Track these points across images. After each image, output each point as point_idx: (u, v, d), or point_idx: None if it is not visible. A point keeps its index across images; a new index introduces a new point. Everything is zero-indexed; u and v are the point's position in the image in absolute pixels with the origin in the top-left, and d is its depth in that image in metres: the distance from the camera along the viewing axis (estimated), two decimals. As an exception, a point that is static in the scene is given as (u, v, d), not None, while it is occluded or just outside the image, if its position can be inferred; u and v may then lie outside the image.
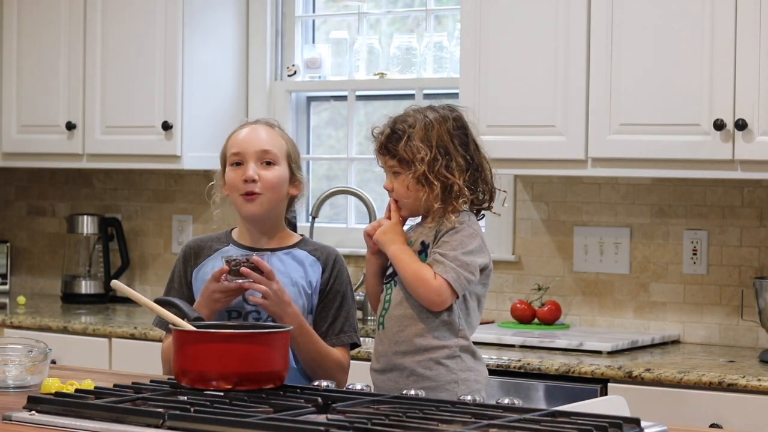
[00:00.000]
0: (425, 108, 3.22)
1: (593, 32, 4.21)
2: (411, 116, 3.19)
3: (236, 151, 3.28)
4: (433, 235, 3.16)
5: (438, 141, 3.14)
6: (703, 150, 4.03)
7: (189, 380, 2.81)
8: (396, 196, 3.19)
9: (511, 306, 4.64)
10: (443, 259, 3.12)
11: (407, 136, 3.14)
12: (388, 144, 3.18)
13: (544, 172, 4.45)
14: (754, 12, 3.93)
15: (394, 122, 3.20)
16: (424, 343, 3.14)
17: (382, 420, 2.44)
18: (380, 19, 5.27)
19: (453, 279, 3.11)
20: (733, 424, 3.67)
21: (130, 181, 5.72)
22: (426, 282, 3.11)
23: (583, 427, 2.41)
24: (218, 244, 3.35)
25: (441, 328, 3.14)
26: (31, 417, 2.62)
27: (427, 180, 3.13)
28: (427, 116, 3.17)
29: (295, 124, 5.39)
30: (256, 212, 3.26)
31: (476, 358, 3.21)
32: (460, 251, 3.13)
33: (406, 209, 3.21)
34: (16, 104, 5.53)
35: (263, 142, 3.28)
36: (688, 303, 4.47)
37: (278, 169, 3.28)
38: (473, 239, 3.16)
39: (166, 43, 5.10)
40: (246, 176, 3.24)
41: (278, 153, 3.28)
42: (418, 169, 3.13)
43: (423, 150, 3.12)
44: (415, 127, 3.15)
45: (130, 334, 4.76)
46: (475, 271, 3.16)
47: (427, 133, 3.15)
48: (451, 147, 3.16)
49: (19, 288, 6.00)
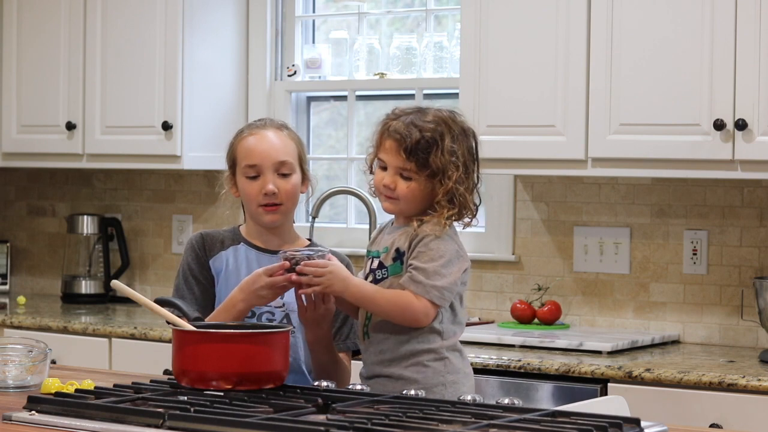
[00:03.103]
0: (445, 113, 3.07)
1: (593, 32, 4.21)
2: (434, 122, 3.04)
3: (252, 163, 3.26)
4: (408, 242, 3.05)
5: (463, 157, 3.04)
6: (703, 150, 4.03)
7: (189, 380, 2.81)
8: (397, 196, 3.07)
9: (511, 306, 4.64)
10: (421, 278, 3.00)
11: (440, 147, 3.02)
12: (417, 148, 3.02)
13: (544, 172, 4.45)
14: (754, 12, 3.93)
15: (419, 125, 3.04)
16: (410, 348, 3.06)
17: (382, 420, 2.44)
18: (380, 19, 5.26)
19: (437, 297, 3.01)
20: (733, 424, 3.67)
21: (130, 181, 5.72)
22: (408, 308, 3.01)
23: (583, 427, 2.41)
24: (230, 241, 3.33)
25: (425, 334, 3.07)
26: (31, 417, 2.62)
27: (451, 195, 3.03)
28: (452, 128, 3.04)
29: (295, 124, 5.39)
30: (277, 221, 3.28)
31: (463, 356, 3.15)
32: (439, 263, 3.01)
33: (396, 210, 3.10)
34: (16, 104, 5.52)
35: (280, 153, 3.27)
36: (688, 303, 4.47)
37: (294, 177, 3.28)
38: (449, 245, 3.04)
39: (166, 43, 5.10)
40: (266, 190, 3.24)
41: (293, 161, 3.29)
42: (446, 185, 3.01)
43: (454, 165, 3.02)
44: (446, 138, 3.03)
45: (130, 334, 4.76)
46: (458, 280, 3.04)
47: (454, 148, 3.03)
48: (471, 166, 3.07)
49: (19, 288, 6.00)
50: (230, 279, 3.28)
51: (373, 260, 3.13)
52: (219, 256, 3.31)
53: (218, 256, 3.31)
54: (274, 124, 3.35)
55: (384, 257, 3.09)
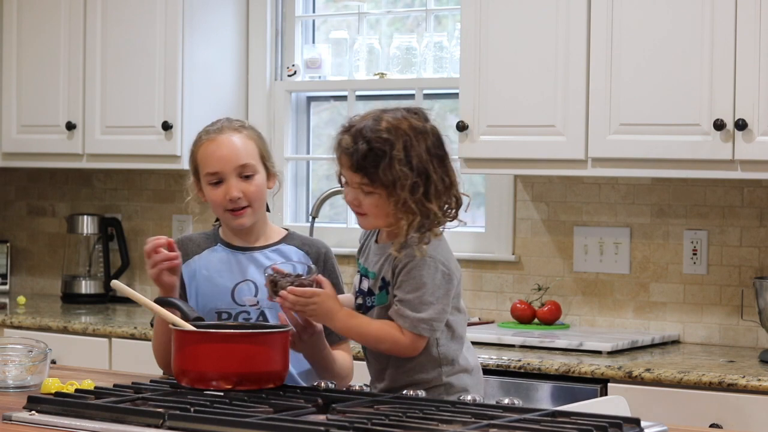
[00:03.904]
0: (399, 117, 2.92)
1: (593, 32, 4.21)
2: (385, 130, 2.88)
3: (213, 170, 3.25)
4: (392, 270, 2.93)
5: (418, 163, 2.87)
6: (703, 150, 4.03)
7: (189, 380, 2.81)
8: (364, 212, 2.94)
9: (511, 306, 4.64)
10: (407, 312, 2.89)
11: (389, 158, 2.86)
12: (365, 163, 2.87)
13: (544, 172, 4.45)
14: (754, 12, 3.93)
15: (367, 137, 2.88)
16: (408, 380, 2.97)
17: (382, 420, 2.44)
18: (380, 19, 5.26)
19: (425, 330, 2.91)
20: (733, 424, 3.67)
21: (130, 181, 5.72)
22: (395, 343, 2.92)
23: (583, 427, 2.41)
24: (206, 242, 3.34)
25: (423, 363, 2.96)
26: (31, 417, 2.62)
27: (406, 207, 2.88)
28: (406, 132, 2.88)
29: (295, 124, 5.39)
30: (246, 224, 3.27)
31: (471, 373, 3.03)
32: (423, 292, 2.90)
33: (369, 225, 2.98)
34: (16, 104, 5.52)
35: (240, 157, 3.24)
36: (688, 303, 4.47)
37: (258, 177, 3.26)
38: (430, 269, 2.90)
39: (166, 43, 5.10)
40: (231, 197, 3.23)
41: (254, 162, 3.26)
42: (399, 197, 2.87)
43: (405, 175, 2.85)
44: (395, 147, 2.86)
45: (130, 334, 4.76)
46: (447, 305, 2.93)
47: (408, 154, 2.87)
48: (431, 168, 2.89)
49: (19, 288, 5.99)
50: (201, 285, 3.28)
51: (363, 280, 3.03)
52: (190, 263, 3.30)
53: (190, 262, 3.30)
54: (231, 126, 3.30)
55: (372, 284, 3.00)
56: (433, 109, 5.14)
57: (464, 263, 4.87)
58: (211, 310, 3.23)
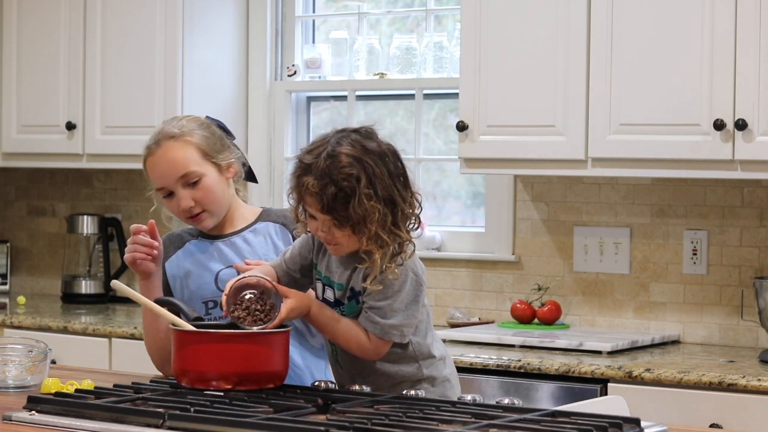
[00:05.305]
0: (355, 146, 2.84)
1: (593, 32, 4.21)
2: (348, 165, 2.81)
3: (159, 186, 3.27)
4: (363, 279, 2.89)
5: (383, 192, 2.82)
6: (703, 150, 4.03)
7: (189, 380, 2.81)
8: (338, 243, 2.87)
9: (511, 306, 4.64)
10: (377, 318, 2.88)
11: (357, 195, 2.79)
12: (334, 205, 2.79)
13: (544, 172, 4.44)
14: (754, 12, 3.93)
15: (334, 178, 2.79)
16: (385, 370, 2.95)
17: (382, 420, 2.44)
18: (380, 19, 5.27)
19: (397, 336, 2.90)
20: (733, 424, 3.67)
21: (130, 181, 5.72)
22: (360, 346, 2.91)
23: (583, 427, 2.41)
24: (188, 236, 3.38)
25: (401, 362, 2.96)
26: (31, 417, 2.62)
27: (377, 238, 2.82)
28: (367, 162, 2.81)
29: (295, 124, 5.39)
30: (208, 226, 3.30)
31: (445, 360, 3.02)
32: (395, 300, 2.88)
33: (345, 252, 2.90)
34: (16, 104, 5.52)
35: (179, 168, 3.22)
36: (688, 303, 4.47)
37: (205, 179, 3.24)
38: (404, 278, 2.88)
39: (166, 43, 5.10)
40: (182, 208, 3.25)
41: (197, 167, 3.23)
42: (370, 230, 2.81)
43: (374, 208, 2.80)
44: (361, 182, 2.79)
45: (130, 334, 4.76)
46: (416, 310, 2.91)
47: (374, 186, 2.80)
48: (395, 193, 2.83)
49: (19, 288, 5.99)
50: (185, 279, 3.31)
51: (326, 289, 2.98)
52: (172, 259, 3.35)
53: (173, 258, 3.35)
54: (168, 134, 3.27)
55: (340, 295, 2.95)
56: (433, 109, 5.14)
57: (464, 263, 4.87)
58: (198, 300, 3.26)
